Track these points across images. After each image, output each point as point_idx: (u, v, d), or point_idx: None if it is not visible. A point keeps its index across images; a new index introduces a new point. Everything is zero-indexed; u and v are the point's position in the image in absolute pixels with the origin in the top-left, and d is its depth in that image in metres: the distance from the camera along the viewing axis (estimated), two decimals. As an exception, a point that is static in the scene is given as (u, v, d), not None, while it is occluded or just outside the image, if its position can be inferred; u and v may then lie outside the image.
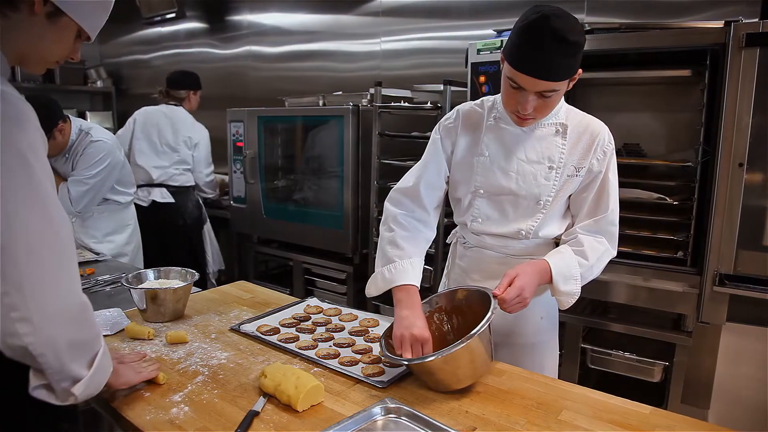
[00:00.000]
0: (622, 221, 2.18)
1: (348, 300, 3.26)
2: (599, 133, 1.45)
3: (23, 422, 1.03)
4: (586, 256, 1.44)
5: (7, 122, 0.90)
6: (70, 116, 2.54)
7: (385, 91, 3.04)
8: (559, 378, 2.32)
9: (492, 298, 1.30)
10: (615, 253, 1.51)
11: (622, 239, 2.18)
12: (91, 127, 2.62)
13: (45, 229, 0.94)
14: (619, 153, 2.52)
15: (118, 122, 5.64)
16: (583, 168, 1.45)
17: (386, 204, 1.59)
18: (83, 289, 2.08)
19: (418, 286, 1.43)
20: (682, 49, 2.05)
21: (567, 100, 1.48)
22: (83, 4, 1.03)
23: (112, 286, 2.10)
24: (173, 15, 4.82)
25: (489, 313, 1.25)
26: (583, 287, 1.45)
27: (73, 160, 2.54)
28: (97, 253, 2.55)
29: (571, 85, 1.36)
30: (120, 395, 1.24)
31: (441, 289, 1.69)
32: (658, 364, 2.14)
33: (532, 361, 1.57)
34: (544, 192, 1.45)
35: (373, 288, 1.51)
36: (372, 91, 2.98)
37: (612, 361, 2.21)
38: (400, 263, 1.45)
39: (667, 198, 2.13)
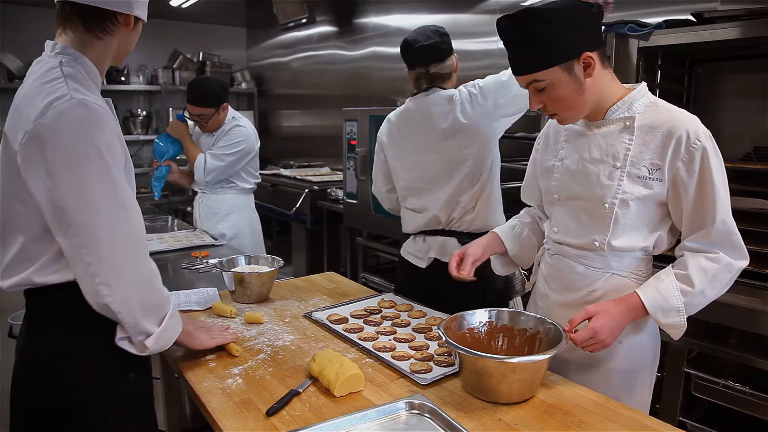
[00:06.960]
0: (743, 235, 1.93)
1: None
2: (680, 129, 1.25)
3: (101, 367, 1.22)
4: (691, 282, 1.28)
5: (87, 125, 1.09)
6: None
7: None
8: (658, 405, 2.12)
9: (563, 334, 1.26)
10: (743, 263, 1.31)
11: (742, 255, 1.92)
12: (240, 117, 3.05)
13: (118, 211, 1.13)
14: (749, 157, 2.23)
15: (259, 121, 6.18)
16: (658, 170, 1.28)
17: None
18: (195, 269, 2.36)
19: (499, 234, 1.64)
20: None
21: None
22: (145, 6, 1.23)
23: (218, 269, 2.33)
24: (305, 20, 5.16)
25: (558, 347, 1.23)
26: None
27: (217, 138, 2.96)
28: (215, 238, 2.84)
29: (591, 73, 1.26)
30: (194, 358, 1.41)
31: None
32: (775, 401, 1.85)
33: (613, 392, 1.34)
34: (608, 193, 1.33)
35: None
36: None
37: (718, 390, 1.95)
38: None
39: (798, 211, 1.83)
